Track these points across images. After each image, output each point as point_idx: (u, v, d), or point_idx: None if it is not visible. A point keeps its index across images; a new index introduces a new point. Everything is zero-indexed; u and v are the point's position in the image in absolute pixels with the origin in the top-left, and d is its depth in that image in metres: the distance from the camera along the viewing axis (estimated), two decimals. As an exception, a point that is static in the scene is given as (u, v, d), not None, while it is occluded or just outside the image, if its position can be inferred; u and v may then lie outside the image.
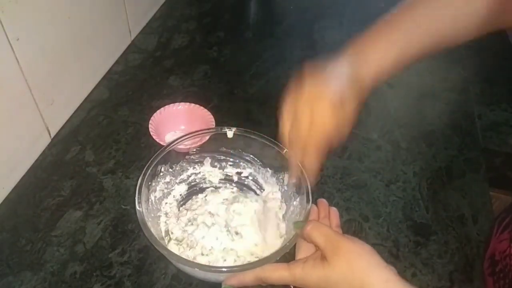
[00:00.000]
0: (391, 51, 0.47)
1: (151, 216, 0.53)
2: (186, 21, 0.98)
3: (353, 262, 0.40)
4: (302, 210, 0.50)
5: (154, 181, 0.55)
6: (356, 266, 0.40)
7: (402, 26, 0.48)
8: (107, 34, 0.80)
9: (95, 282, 0.53)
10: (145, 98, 0.79)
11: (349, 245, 0.41)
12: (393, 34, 0.48)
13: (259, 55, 0.90)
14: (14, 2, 0.54)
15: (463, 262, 0.59)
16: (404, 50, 0.48)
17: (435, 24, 0.49)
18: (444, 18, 0.49)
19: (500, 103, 0.90)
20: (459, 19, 0.49)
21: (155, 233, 0.47)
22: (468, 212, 0.65)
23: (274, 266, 0.44)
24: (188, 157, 0.60)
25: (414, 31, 0.48)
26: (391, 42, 0.48)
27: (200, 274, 0.48)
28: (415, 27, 0.48)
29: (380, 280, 0.39)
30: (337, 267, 0.40)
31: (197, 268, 0.44)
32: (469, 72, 0.92)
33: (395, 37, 0.48)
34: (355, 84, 0.46)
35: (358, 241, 0.42)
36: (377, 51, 0.47)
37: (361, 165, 0.70)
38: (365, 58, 0.47)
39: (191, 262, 0.44)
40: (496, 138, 0.84)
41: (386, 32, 0.48)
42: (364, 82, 0.47)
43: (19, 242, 0.57)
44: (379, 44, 0.47)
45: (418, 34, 0.48)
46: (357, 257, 0.40)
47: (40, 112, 0.65)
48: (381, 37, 0.48)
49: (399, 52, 0.47)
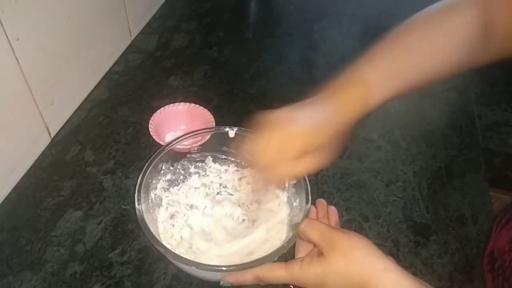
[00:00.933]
0: (383, 82, 0.45)
1: (151, 214, 0.53)
2: (186, 21, 0.98)
3: (350, 255, 0.40)
4: (302, 211, 0.50)
5: (155, 179, 0.55)
6: (353, 259, 0.40)
7: (393, 57, 0.46)
8: (107, 34, 0.80)
9: (95, 282, 0.53)
10: (145, 98, 0.79)
11: (345, 239, 0.41)
12: (385, 65, 0.45)
13: (259, 55, 0.90)
14: (14, 2, 0.54)
15: (463, 262, 0.59)
16: (396, 81, 0.46)
17: (422, 59, 0.47)
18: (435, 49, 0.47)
19: (500, 103, 0.90)
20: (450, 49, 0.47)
21: (153, 231, 0.47)
22: (468, 212, 0.65)
23: (272, 266, 0.44)
24: (190, 155, 0.60)
25: (405, 63, 0.46)
26: (383, 73, 0.45)
27: (197, 273, 0.48)
28: (406, 59, 0.46)
29: (378, 269, 0.39)
30: (334, 262, 0.40)
31: (194, 266, 0.44)
32: (469, 72, 0.92)
33: (387, 68, 0.45)
34: (334, 117, 0.44)
35: (354, 234, 0.42)
36: (370, 80, 0.44)
37: (361, 165, 0.70)
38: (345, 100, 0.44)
39: (188, 260, 0.44)
40: (496, 138, 0.84)
41: (377, 63, 0.46)
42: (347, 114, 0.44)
43: (19, 242, 0.57)
44: (371, 74, 0.44)
45: (410, 66, 0.46)
46: (353, 250, 0.40)
47: (40, 112, 0.65)
48: (372, 67, 0.45)
49: (390, 84, 0.45)
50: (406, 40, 0.47)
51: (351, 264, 0.39)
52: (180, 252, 0.51)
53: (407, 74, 0.46)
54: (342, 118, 0.44)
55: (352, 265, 0.39)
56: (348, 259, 0.40)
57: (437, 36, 0.46)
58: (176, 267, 0.55)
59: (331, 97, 0.44)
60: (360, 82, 0.44)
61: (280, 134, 0.42)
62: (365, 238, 0.42)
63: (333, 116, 0.43)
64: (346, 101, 0.44)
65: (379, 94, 0.45)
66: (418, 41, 0.46)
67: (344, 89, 0.44)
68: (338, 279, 0.40)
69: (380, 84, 0.45)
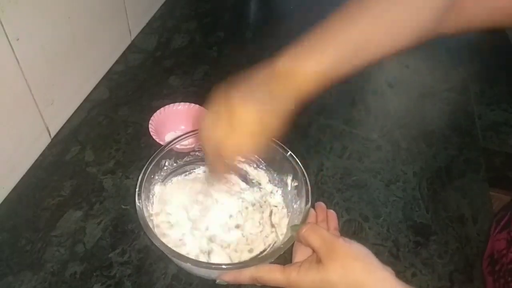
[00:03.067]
0: (325, 62, 0.42)
1: (151, 212, 0.53)
2: (186, 21, 0.98)
3: (349, 265, 0.40)
4: (301, 213, 0.50)
5: (156, 177, 0.55)
6: (352, 269, 0.39)
7: (341, 34, 0.42)
8: (107, 34, 0.80)
9: (95, 282, 0.53)
10: (145, 98, 0.79)
11: (345, 248, 0.41)
12: (330, 45, 0.42)
13: (259, 55, 0.89)
14: (14, 2, 0.54)
15: (463, 262, 0.59)
16: (342, 63, 0.43)
17: (383, 29, 0.43)
18: (383, 23, 0.43)
19: (500, 103, 0.90)
20: (399, 24, 0.43)
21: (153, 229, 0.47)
22: (468, 212, 0.65)
23: (269, 267, 0.44)
24: (193, 153, 0.60)
25: (355, 39, 0.42)
26: (325, 53, 0.42)
27: (196, 270, 0.48)
28: (357, 34, 0.42)
29: (376, 280, 0.39)
30: (332, 271, 0.40)
31: (189, 263, 0.44)
32: (469, 72, 0.92)
33: (331, 49, 0.42)
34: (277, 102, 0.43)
35: (355, 244, 0.42)
36: (309, 67, 0.42)
37: (361, 165, 0.70)
38: (293, 77, 0.42)
39: (185, 257, 0.44)
40: (496, 138, 0.84)
41: (320, 42, 0.43)
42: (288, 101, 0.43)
43: (19, 242, 0.57)
44: (311, 60, 0.42)
45: (361, 42, 0.43)
46: (353, 260, 0.40)
47: (40, 112, 0.65)
48: (315, 47, 0.43)
49: (335, 66, 0.42)
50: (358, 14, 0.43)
51: (349, 274, 0.39)
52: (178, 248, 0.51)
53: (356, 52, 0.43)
54: (285, 105, 0.43)
55: (350, 275, 0.39)
56: (347, 269, 0.39)
57: (395, 7, 0.42)
58: (176, 267, 0.55)
59: (273, 81, 0.43)
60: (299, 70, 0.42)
61: (231, 114, 0.41)
62: (365, 248, 0.42)
63: (282, 101, 0.42)
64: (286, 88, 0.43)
65: (322, 76, 0.42)
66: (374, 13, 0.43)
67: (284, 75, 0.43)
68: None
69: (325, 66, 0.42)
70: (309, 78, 0.41)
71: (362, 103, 0.82)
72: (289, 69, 0.42)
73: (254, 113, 0.41)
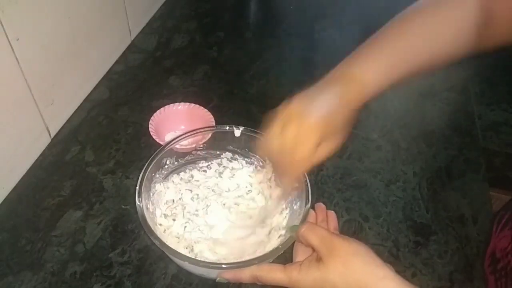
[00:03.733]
0: (379, 72, 0.45)
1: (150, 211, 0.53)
2: (186, 21, 0.98)
3: (349, 262, 0.40)
4: (301, 213, 0.50)
5: (156, 177, 0.55)
6: (352, 267, 0.39)
7: (391, 45, 0.46)
8: (107, 34, 0.80)
9: (95, 282, 0.53)
10: (145, 98, 0.79)
11: (345, 246, 0.41)
12: (382, 54, 0.46)
13: (259, 55, 0.90)
14: (14, 2, 0.54)
15: (463, 262, 0.59)
16: (393, 70, 0.46)
17: (427, 42, 0.47)
18: (434, 36, 0.47)
19: (500, 103, 0.90)
20: (439, 37, 0.47)
21: (153, 227, 0.47)
22: (468, 212, 0.65)
23: (270, 267, 0.44)
24: (195, 152, 0.60)
25: (403, 50, 0.46)
26: (379, 62, 0.46)
27: (196, 270, 0.48)
28: (405, 46, 0.46)
29: (376, 278, 0.39)
30: (332, 268, 0.40)
31: (187, 261, 0.44)
32: (469, 72, 0.92)
33: (383, 57, 0.46)
34: (342, 105, 0.45)
35: (354, 241, 0.42)
36: (365, 72, 0.45)
37: (361, 165, 0.70)
38: (352, 80, 0.45)
39: (185, 256, 0.44)
40: (496, 138, 0.84)
41: (374, 52, 0.46)
42: (352, 103, 0.45)
43: (19, 242, 0.57)
44: (366, 65, 0.45)
45: (408, 53, 0.46)
46: (353, 257, 0.40)
47: (40, 112, 0.65)
48: (369, 57, 0.46)
49: (387, 72, 0.46)
50: (406, 28, 0.47)
51: (350, 271, 0.39)
52: (179, 248, 0.51)
53: (405, 62, 0.47)
54: (349, 106, 0.45)
55: (351, 272, 0.39)
56: (347, 267, 0.39)
57: (436, 23, 0.47)
58: (176, 267, 0.55)
59: (335, 85, 0.45)
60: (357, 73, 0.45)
61: (294, 129, 0.43)
62: (365, 246, 0.42)
63: (340, 105, 0.44)
64: (348, 90, 0.45)
65: (378, 81, 0.45)
66: (418, 28, 0.47)
67: (344, 79, 0.45)
68: (336, 286, 0.40)
69: (379, 72, 0.45)
70: (367, 82, 0.44)
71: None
72: (349, 74, 0.45)
73: (320, 119, 0.43)
